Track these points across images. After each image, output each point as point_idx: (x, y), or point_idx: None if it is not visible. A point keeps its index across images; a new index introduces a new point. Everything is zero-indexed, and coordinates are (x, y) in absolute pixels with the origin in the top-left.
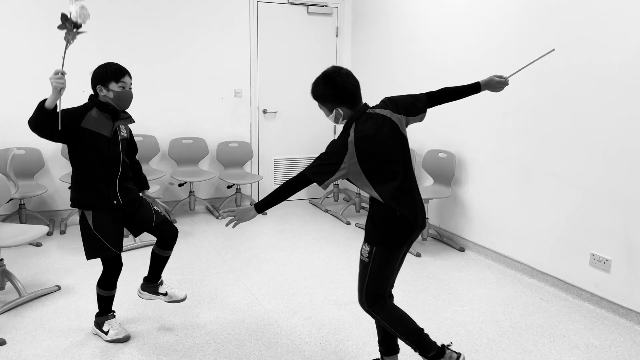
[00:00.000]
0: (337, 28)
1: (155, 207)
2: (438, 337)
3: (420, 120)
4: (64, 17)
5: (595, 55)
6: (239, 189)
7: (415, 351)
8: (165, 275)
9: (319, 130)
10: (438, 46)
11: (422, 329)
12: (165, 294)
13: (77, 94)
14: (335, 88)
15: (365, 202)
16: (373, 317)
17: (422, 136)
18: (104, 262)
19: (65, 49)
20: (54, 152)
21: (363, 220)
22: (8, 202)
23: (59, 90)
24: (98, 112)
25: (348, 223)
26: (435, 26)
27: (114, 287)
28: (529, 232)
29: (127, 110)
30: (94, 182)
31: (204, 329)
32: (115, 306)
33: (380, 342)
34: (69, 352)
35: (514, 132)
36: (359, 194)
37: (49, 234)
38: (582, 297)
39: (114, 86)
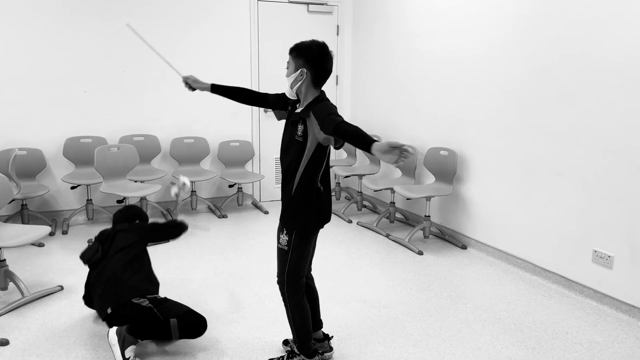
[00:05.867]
0: (338, 27)
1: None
2: (441, 334)
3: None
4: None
5: (597, 51)
6: (241, 188)
7: (294, 344)
8: (166, 275)
9: None
10: (439, 44)
11: (312, 334)
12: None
13: (78, 94)
14: (316, 55)
15: (368, 200)
16: (284, 301)
17: (423, 134)
18: None
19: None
20: (55, 153)
21: (365, 219)
22: (10, 202)
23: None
24: None
25: (350, 221)
26: (435, 24)
27: None
28: (531, 229)
29: None
30: None
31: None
32: None
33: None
34: (72, 352)
35: (516, 129)
36: (361, 192)
37: (51, 234)
38: (585, 293)
39: None
